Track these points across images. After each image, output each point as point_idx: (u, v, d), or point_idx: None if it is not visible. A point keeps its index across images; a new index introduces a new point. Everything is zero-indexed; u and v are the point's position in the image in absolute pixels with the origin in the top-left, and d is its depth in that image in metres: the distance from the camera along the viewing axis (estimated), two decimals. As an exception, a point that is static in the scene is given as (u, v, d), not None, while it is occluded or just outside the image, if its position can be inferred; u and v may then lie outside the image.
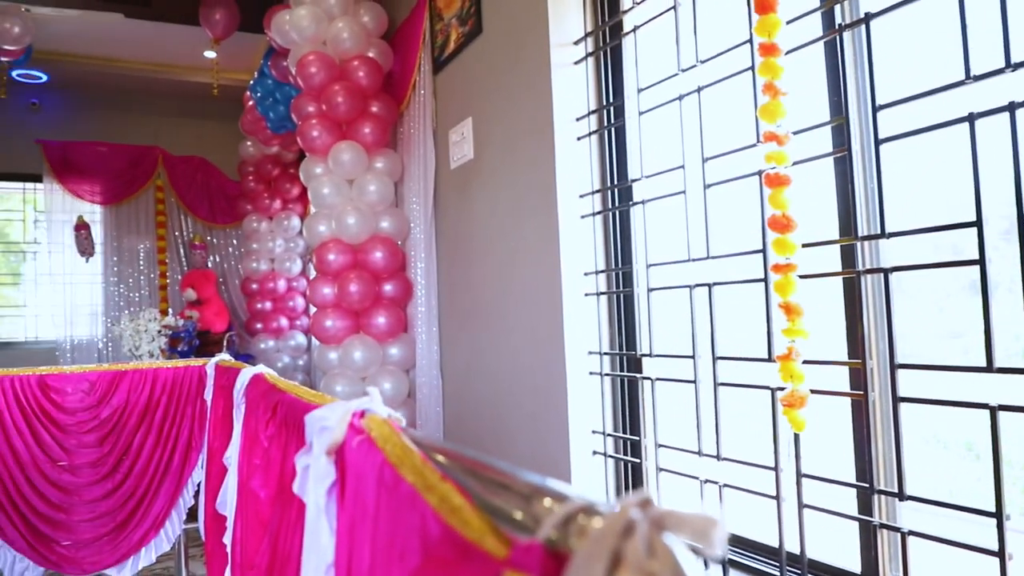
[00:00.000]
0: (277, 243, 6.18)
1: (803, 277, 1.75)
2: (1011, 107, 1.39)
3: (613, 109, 2.65)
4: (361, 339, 3.65)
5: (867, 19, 1.66)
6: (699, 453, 2.19)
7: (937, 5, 1.61)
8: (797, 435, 1.85)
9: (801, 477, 1.85)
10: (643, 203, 2.41)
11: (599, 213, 2.64)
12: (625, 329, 2.65)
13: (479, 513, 0.39)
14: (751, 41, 1.96)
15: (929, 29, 1.84)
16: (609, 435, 2.60)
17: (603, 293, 2.63)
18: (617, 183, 2.63)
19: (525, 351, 2.85)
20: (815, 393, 1.75)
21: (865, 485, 1.76)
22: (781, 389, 1.80)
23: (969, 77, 1.46)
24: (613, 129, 2.65)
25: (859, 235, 1.76)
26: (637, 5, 2.39)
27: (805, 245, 1.76)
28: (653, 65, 2.47)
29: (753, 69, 1.94)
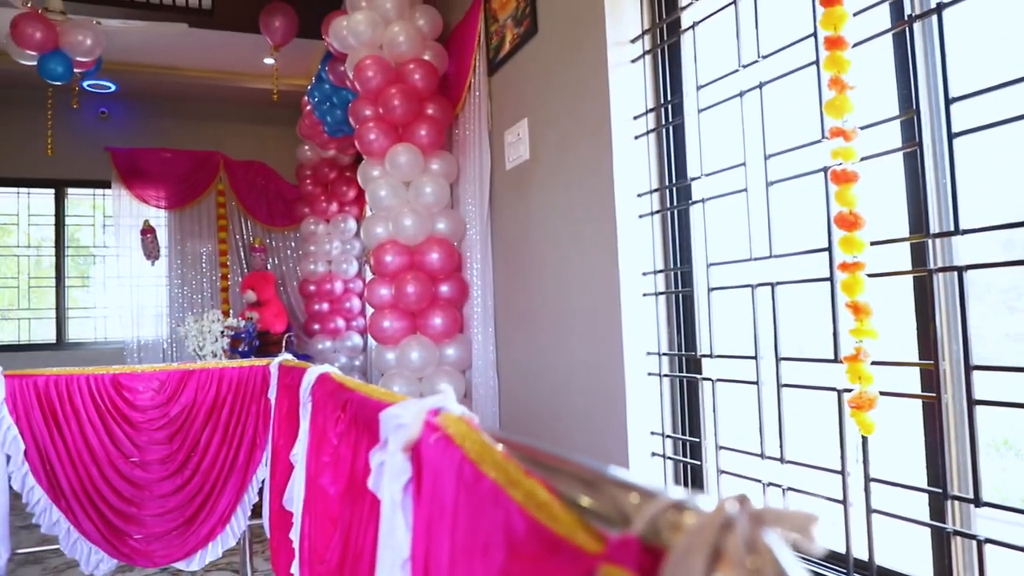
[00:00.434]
0: (334, 245, 6.29)
1: (871, 276, 1.71)
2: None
3: (671, 107, 2.62)
4: (418, 339, 3.68)
5: (939, 9, 1.61)
6: (762, 455, 2.15)
7: (1014, -8, 1.55)
8: (865, 438, 1.80)
9: (869, 481, 1.80)
10: (703, 201, 2.38)
11: (657, 212, 2.62)
12: (684, 329, 2.62)
13: (567, 508, 0.39)
14: (815, 35, 1.92)
15: (1004, 17, 1.78)
16: (668, 436, 2.57)
17: (661, 293, 2.61)
18: (676, 182, 2.60)
19: (582, 352, 2.85)
20: (884, 395, 1.70)
21: (938, 490, 1.70)
22: (848, 391, 1.76)
23: (1050, 66, 1.40)
24: (671, 127, 2.62)
25: (930, 232, 1.71)
26: (696, 1, 2.36)
27: (873, 243, 1.72)
28: (712, 61, 2.44)
29: (818, 63, 1.90)
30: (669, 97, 2.64)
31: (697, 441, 2.49)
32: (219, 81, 6.11)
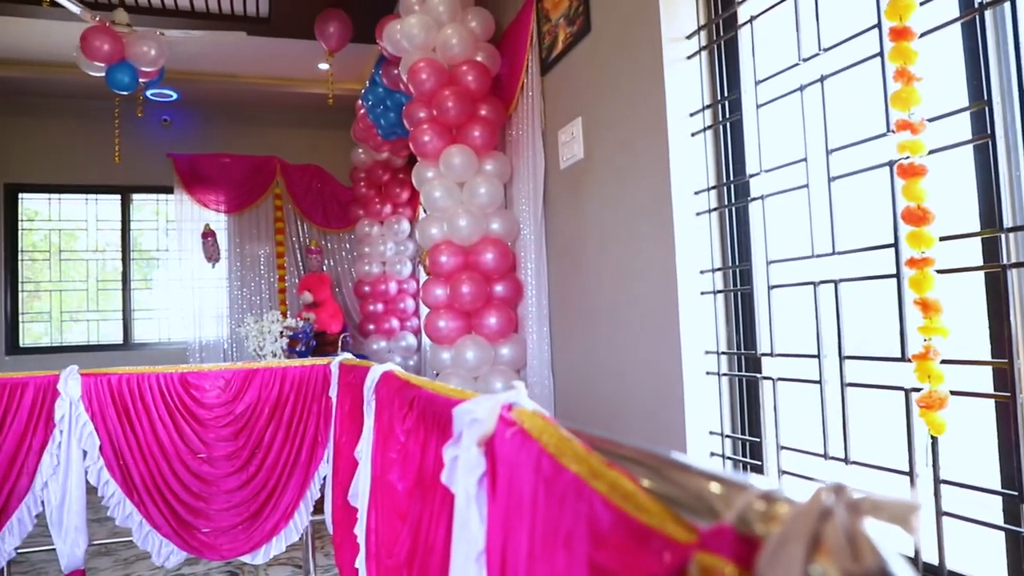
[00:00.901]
0: (388, 246, 6.38)
1: (941, 272, 1.66)
2: None
3: (728, 103, 2.59)
4: (473, 339, 3.71)
5: (1012, -5, 1.56)
6: (825, 456, 2.11)
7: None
8: (935, 438, 1.75)
9: (939, 483, 1.75)
10: (762, 198, 2.35)
11: (715, 210, 2.59)
12: (743, 328, 2.59)
13: (653, 499, 0.40)
14: (879, 26, 1.87)
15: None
16: (727, 436, 2.54)
17: (720, 291, 2.58)
18: (734, 179, 2.57)
19: (639, 351, 2.83)
20: (955, 394, 1.66)
21: (1013, 492, 1.64)
22: (916, 390, 1.71)
23: None
24: (728, 124, 2.59)
25: (1003, 226, 1.65)
26: (753, -5, 2.33)
27: (942, 238, 1.67)
28: (770, 56, 2.40)
29: (882, 55, 1.86)
30: (726, 93, 2.61)
31: (757, 441, 2.45)
32: (275, 87, 6.26)
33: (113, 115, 5.54)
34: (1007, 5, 1.58)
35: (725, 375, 2.56)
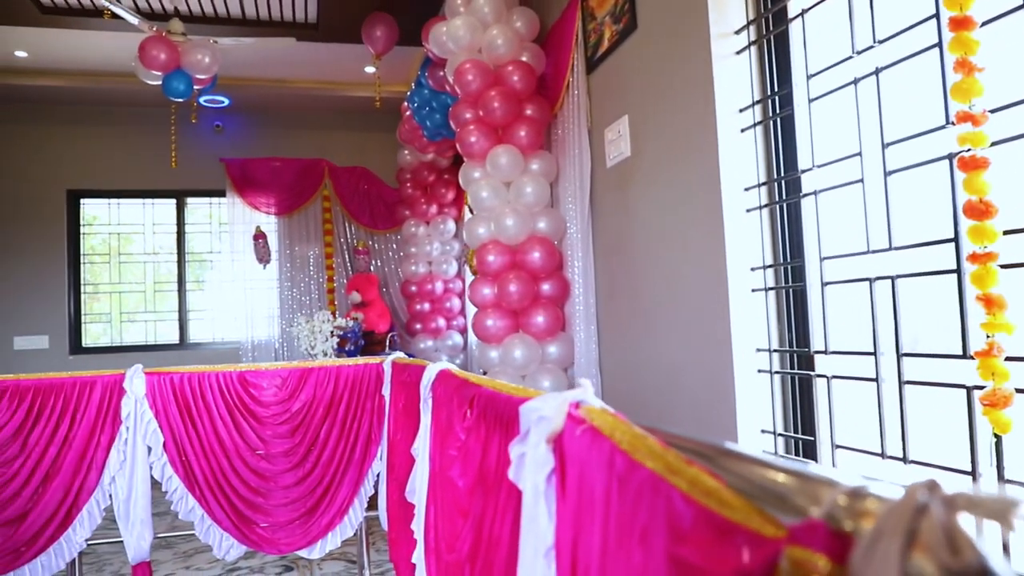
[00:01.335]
0: (434, 246, 6.44)
1: (1004, 267, 1.62)
2: None
3: (779, 98, 2.56)
4: (520, 338, 3.73)
5: (1079, -18, 1.51)
6: (882, 455, 2.08)
7: None
8: (999, 437, 1.71)
9: (1004, 483, 1.71)
10: (815, 194, 2.31)
11: (766, 206, 2.56)
12: (795, 325, 2.55)
13: (738, 495, 0.40)
14: (937, 16, 1.83)
15: None
16: (780, 435, 2.51)
17: (771, 288, 2.55)
18: (784, 174, 2.54)
19: (689, 349, 2.81)
20: (1021, 392, 1.61)
21: (1084, 494, 1.59)
22: (979, 388, 1.67)
23: None
24: (779, 119, 2.56)
25: (1071, 219, 1.61)
26: (804, -12, 2.30)
27: (1006, 232, 1.63)
28: (821, 49, 2.37)
29: (941, 45, 1.82)
30: (776, 88, 2.57)
31: (811, 440, 2.42)
32: (323, 91, 6.36)
33: (170, 122, 5.70)
34: (1074, -8, 1.54)
35: (777, 373, 2.53)
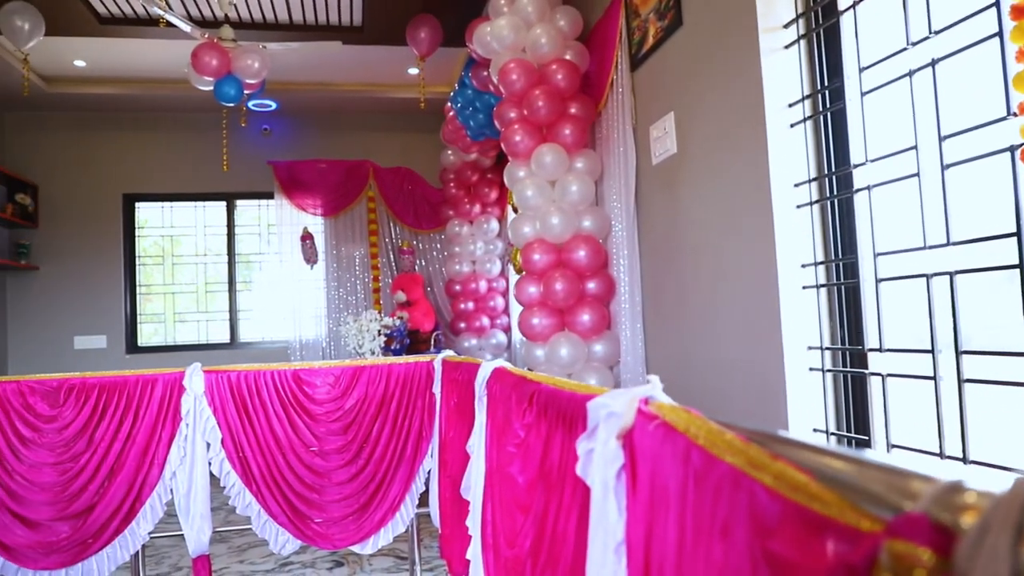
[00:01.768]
0: (477, 245, 6.48)
1: (1071, 261, 1.58)
2: None
3: (829, 92, 2.52)
4: (566, 336, 3.74)
5: None
6: (941, 455, 2.03)
7: None
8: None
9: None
10: (868, 189, 2.28)
11: (817, 202, 2.53)
12: (847, 323, 2.51)
13: (829, 489, 0.41)
14: (997, 4, 1.79)
15: None
16: (832, 434, 2.48)
17: (823, 285, 2.51)
18: (835, 169, 2.50)
19: (738, 347, 2.79)
20: (1090, 390, 1.57)
21: None
22: (1045, 386, 1.63)
23: None
24: (829, 114, 2.52)
25: None
26: (857, -20, 2.26)
27: (1073, 226, 1.59)
28: (873, 42, 2.33)
29: (1001, 34, 1.78)
30: (826, 82, 2.54)
31: (865, 439, 2.38)
32: (367, 93, 6.44)
33: (221, 126, 5.84)
34: None
35: (829, 371, 2.50)
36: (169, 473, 2.45)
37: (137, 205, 6.89)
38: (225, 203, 7.04)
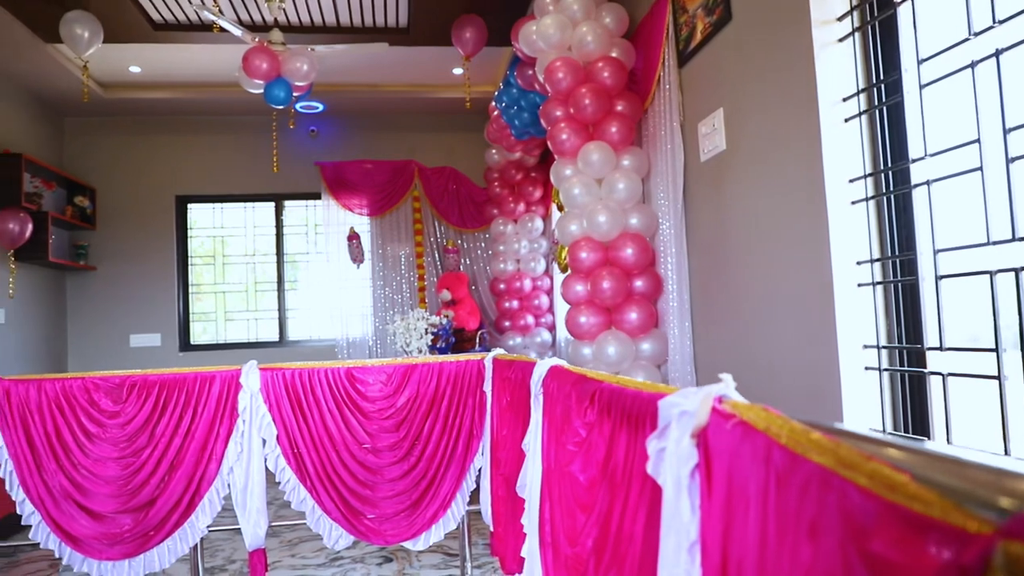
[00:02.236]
0: (522, 244, 6.48)
1: None
2: None
3: (885, 86, 2.47)
4: (614, 334, 3.72)
5: None
6: (1006, 456, 1.98)
7: None
8: None
9: None
10: (927, 184, 2.22)
11: (872, 198, 2.48)
12: (904, 321, 2.46)
13: (931, 490, 0.40)
14: (1067, -7, 1.73)
15: None
16: (890, 435, 2.42)
17: (880, 283, 2.46)
18: (892, 165, 2.45)
19: (791, 345, 2.75)
20: None
21: None
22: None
23: None
24: (885, 108, 2.47)
25: None
26: (916, -30, 2.21)
27: None
28: (931, 33, 2.27)
29: (1072, 25, 1.72)
30: (882, 75, 2.48)
31: (923, 440, 2.32)
32: (413, 94, 6.50)
33: (270, 128, 5.95)
34: None
35: (886, 370, 2.45)
36: (227, 468, 2.51)
37: (189, 206, 7.06)
38: (273, 204, 7.17)
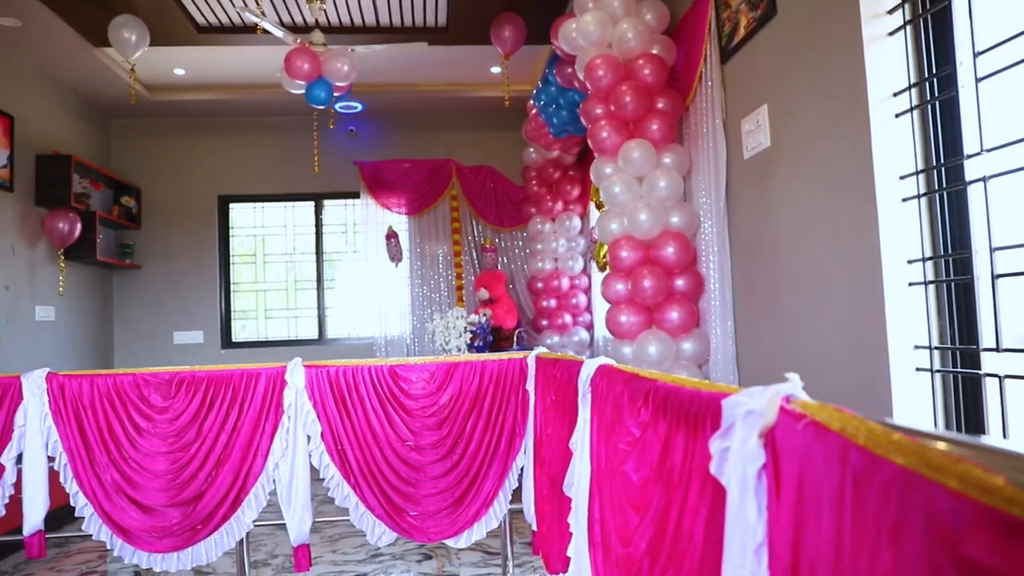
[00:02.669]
0: (560, 243, 6.47)
1: None
2: None
3: (938, 80, 2.41)
4: (655, 333, 3.69)
5: None
6: (1067, 462, 1.92)
7: None
8: None
9: None
10: (984, 180, 2.17)
11: (925, 195, 2.42)
12: (957, 321, 2.40)
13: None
14: None
15: None
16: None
17: (932, 282, 2.41)
18: (945, 161, 2.39)
19: (838, 346, 2.70)
20: None
21: None
22: None
23: None
24: (938, 102, 2.41)
25: None
26: (972, -39, 2.15)
27: None
28: (986, 26, 2.21)
29: None
30: (935, 69, 2.42)
31: (980, 443, 2.26)
32: (451, 93, 6.52)
33: (311, 128, 6.01)
34: None
35: (939, 372, 2.39)
36: (272, 464, 2.54)
37: (231, 206, 7.18)
38: (313, 203, 7.25)
